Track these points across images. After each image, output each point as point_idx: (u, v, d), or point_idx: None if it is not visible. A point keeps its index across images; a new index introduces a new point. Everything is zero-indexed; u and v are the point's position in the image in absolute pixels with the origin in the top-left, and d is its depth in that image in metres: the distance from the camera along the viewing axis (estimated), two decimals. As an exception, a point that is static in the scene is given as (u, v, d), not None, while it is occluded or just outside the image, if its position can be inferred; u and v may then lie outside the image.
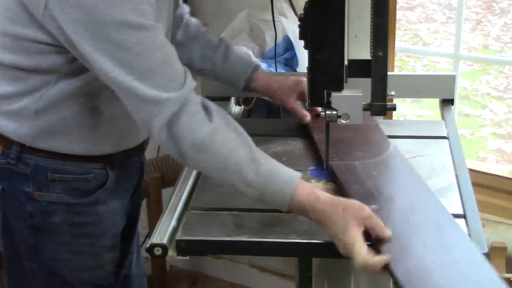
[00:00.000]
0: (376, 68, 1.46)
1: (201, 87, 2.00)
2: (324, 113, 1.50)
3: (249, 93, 1.84)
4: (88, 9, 1.26)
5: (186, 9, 1.82)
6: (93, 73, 1.37)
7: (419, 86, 1.97)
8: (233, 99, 2.02)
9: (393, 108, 1.54)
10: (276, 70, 2.23)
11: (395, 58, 2.51)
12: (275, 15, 2.20)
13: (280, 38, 2.29)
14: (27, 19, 1.36)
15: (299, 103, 1.78)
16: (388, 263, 1.21)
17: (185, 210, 1.46)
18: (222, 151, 1.32)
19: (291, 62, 2.34)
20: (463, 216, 1.40)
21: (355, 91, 1.50)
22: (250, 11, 2.44)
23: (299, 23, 1.50)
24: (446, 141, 1.74)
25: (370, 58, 1.46)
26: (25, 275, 1.63)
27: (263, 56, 2.37)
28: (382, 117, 1.85)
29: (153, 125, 1.32)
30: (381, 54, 1.44)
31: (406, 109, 4.81)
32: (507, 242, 2.30)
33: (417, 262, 1.21)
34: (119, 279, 1.75)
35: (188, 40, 1.79)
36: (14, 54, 1.42)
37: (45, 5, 1.29)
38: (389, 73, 1.47)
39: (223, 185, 1.39)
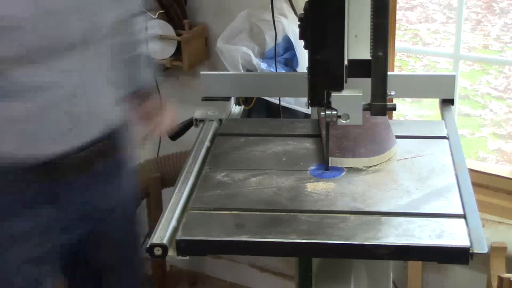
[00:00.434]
0: (376, 68, 1.46)
1: (201, 88, 2.00)
2: (324, 113, 1.50)
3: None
4: None
5: None
6: None
7: (419, 86, 1.97)
8: (233, 99, 2.02)
9: (393, 108, 1.54)
10: (276, 70, 2.23)
11: (395, 58, 2.51)
12: (275, 15, 2.20)
13: (280, 38, 2.29)
14: None
15: None
16: None
17: (185, 210, 1.46)
18: None
19: (291, 62, 2.34)
20: (463, 216, 1.40)
21: (355, 91, 1.50)
22: (250, 11, 2.44)
23: (299, 23, 1.50)
24: (446, 141, 1.74)
25: (370, 58, 1.46)
26: None
27: (263, 56, 2.37)
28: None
29: None
30: (381, 54, 1.44)
31: (406, 109, 4.81)
32: (507, 242, 2.30)
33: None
34: None
35: None
36: None
37: None
38: (389, 73, 1.47)
39: None
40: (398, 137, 1.73)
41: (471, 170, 1.65)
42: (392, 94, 1.50)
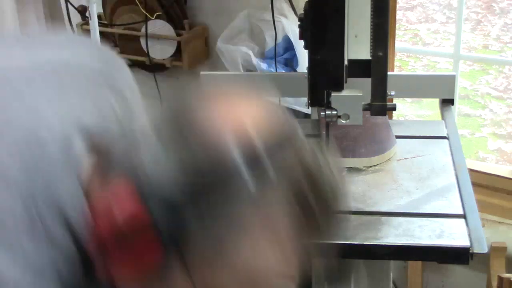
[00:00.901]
0: (376, 68, 1.46)
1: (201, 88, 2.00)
2: (324, 113, 1.50)
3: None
4: None
5: None
6: None
7: (419, 86, 1.97)
8: (233, 99, 2.01)
9: (393, 108, 1.54)
10: (276, 70, 2.23)
11: (395, 58, 2.51)
12: (275, 15, 2.20)
13: (280, 38, 2.29)
14: None
15: None
16: None
17: (185, 210, 1.46)
18: None
19: (291, 62, 2.34)
20: (463, 216, 1.40)
21: (355, 91, 1.50)
22: (250, 11, 2.44)
23: (299, 23, 1.50)
24: (446, 141, 1.74)
25: (370, 58, 1.46)
26: None
27: (263, 56, 2.37)
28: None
29: None
30: (381, 54, 1.44)
31: (406, 109, 4.80)
32: (507, 242, 2.30)
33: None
34: None
35: None
36: None
37: None
38: (389, 73, 1.47)
39: None
40: (398, 137, 1.73)
41: (471, 170, 1.65)
42: (392, 94, 1.50)
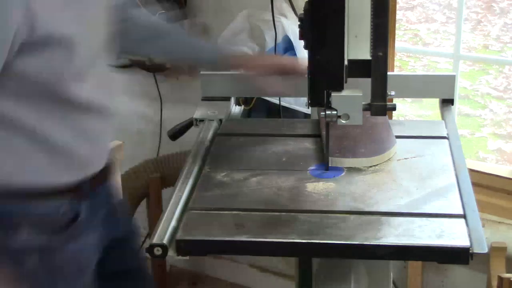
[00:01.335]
0: (376, 68, 1.46)
1: (201, 88, 2.00)
2: (324, 113, 1.50)
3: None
4: None
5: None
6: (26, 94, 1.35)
7: (419, 86, 1.97)
8: (233, 99, 2.01)
9: (393, 108, 1.54)
10: (276, 70, 2.23)
11: (395, 58, 2.52)
12: (275, 15, 2.20)
13: (280, 38, 2.29)
14: None
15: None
16: None
17: (185, 210, 1.46)
18: None
19: (291, 62, 2.34)
20: (463, 216, 1.40)
21: (355, 91, 1.50)
22: (250, 11, 2.44)
23: (299, 23, 1.50)
24: (446, 141, 1.74)
25: (370, 58, 1.46)
26: None
27: (263, 56, 2.37)
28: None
29: None
30: (381, 54, 1.44)
31: (406, 109, 4.81)
32: (507, 242, 2.30)
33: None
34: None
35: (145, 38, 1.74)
36: None
37: None
38: (389, 73, 1.47)
39: None
40: (398, 137, 1.73)
41: (471, 170, 1.65)
42: (392, 94, 1.50)
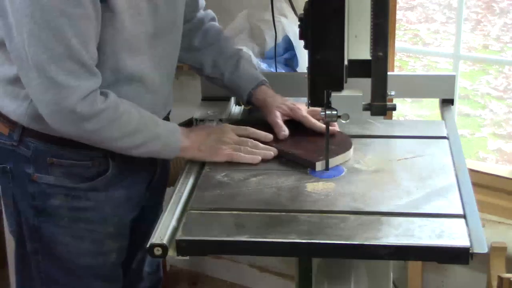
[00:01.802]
0: (376, 68, 1.46)
1: (201, 88, 2.00)
2: (324, 113, 1.50)
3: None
4: None
5: (209, 15, 1.86)
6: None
7: (419, 86, 1.97)
8: (233, 99, 2.02)
9: (393, 108, 1.54)
10: (276, 70, 2.23)
11: (395, 58, 2.52)
12: (275, 15, 2.20)
13: (280, 38, 2.29)
14: None
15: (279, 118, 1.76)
16: None
17: (185, 210, 1.46)
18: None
19: (291, 62, 2.34)
20: (463, 216, 1.40)
21: (355, 91, 1.50)
22: (250, 11, 2.44)
23: (299, 23, 1.50)
24: (446, 141, 1.74)
25: (370, 58, 1.46)
26: (29, 257, 1.66)
27: (263, 56, 2.37)
28: (382, 117, 1.85)
29: (54, 108, 1.43)
30: (381, 54, 1.44)
31: (406, 109, 4.81)
32: (507, 242, 2.30)
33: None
34: (128, 275, 1.74)
35: (204, 46, 1.83)
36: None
37: None
38: (389, 73, 1.47)
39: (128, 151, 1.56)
40: (398, 137, 1.73)
41: (471, 170, 1.65)
42: (392, 94, 1.50)
